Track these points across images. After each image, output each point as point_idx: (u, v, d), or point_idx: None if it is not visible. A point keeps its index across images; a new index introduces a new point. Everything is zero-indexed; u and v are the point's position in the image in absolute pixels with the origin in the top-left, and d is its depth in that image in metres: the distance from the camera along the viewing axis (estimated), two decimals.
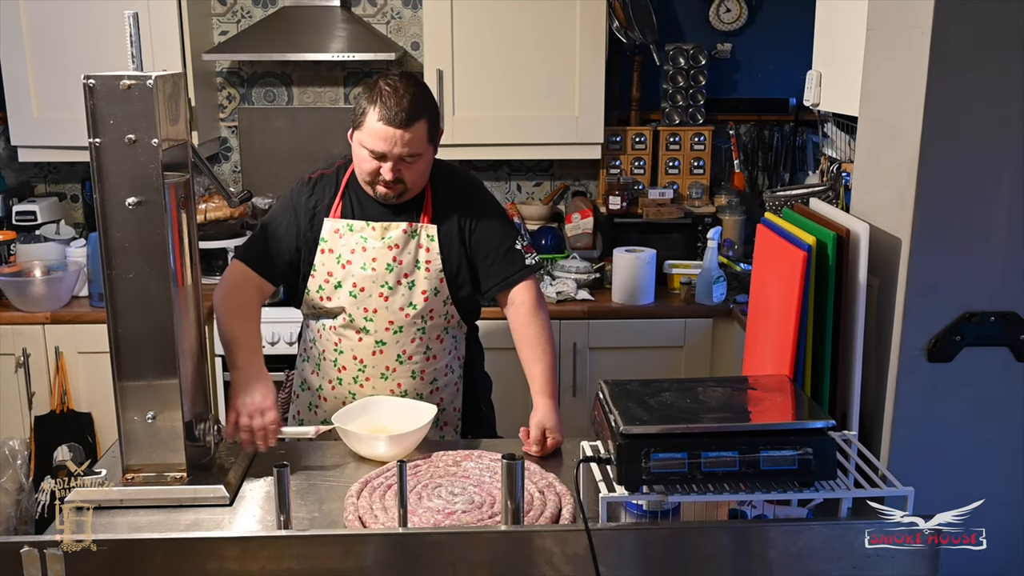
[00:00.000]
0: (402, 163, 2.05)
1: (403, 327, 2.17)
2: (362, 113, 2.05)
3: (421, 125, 2.03)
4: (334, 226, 2.17)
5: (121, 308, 1.76)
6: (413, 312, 2.17)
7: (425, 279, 2.16)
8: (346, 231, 2.16)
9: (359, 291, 2.15)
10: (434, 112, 2.09)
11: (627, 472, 1.39)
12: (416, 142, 2.04)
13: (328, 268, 2.17)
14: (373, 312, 2.16)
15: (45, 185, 3.94)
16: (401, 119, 2.00)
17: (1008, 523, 1.57)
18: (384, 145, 2.02)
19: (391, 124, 2.00)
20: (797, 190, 3.05)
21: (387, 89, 2.02)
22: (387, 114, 2.00)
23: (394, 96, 2.01)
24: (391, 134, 2.01)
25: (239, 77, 3.88)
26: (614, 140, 3.82)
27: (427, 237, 2.16)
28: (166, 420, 1.80)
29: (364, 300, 2.15)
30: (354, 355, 2.20)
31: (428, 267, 2.16)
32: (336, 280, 2.16)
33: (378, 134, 2.02)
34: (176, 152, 1.80)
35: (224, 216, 3.68)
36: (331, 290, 2.17)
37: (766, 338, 1.81)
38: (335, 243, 2.17)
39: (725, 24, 3.87)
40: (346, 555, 1.41)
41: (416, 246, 2.16)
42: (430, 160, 2.13)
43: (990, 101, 1.50)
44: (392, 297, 2.15)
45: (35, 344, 3.29)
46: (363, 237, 2.15)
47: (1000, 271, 1.55)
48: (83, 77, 1.67)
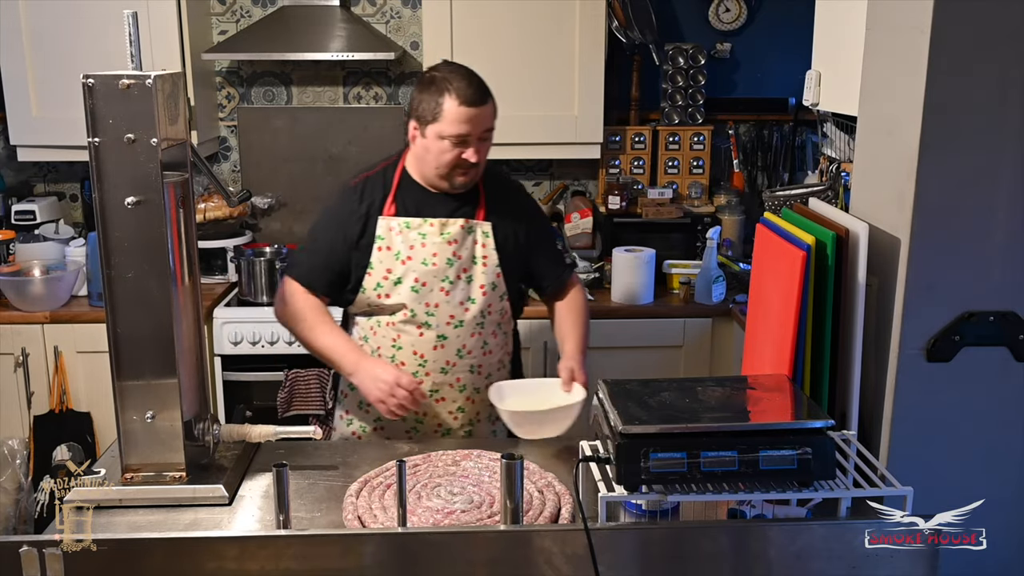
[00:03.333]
0: (482, 142, 2.13)
1: (463, 322, 2.20)
2: (436, 106, 2.08)
3: (492, 101, 2.13)
4: (389, 224, 2.18)
5: (120, 307, 1.76)
6: (472, 307, 2.21)
7: (483, 274, 2.21)
8: (403, 228, 2.18)
9: (420, 286, 2.17)
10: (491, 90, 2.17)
11: (626, 472, 1.39)
12: (491, 118, 2.13)
13: (386, 265, 2.18)
14: (435, 307, 2.18)
15: (44, 184, 3.94)
16: (479, 97, 2.07)
17: (1008, 523, 1.57)
18: (469, 126, 2.07)
19: (472, 104, 2.06)
20: (796, 190, 3.05)
21: (454, 76, 2.08)
22: (466, 95, 2.06)
23: (463, 79, 2.08)
24: (474, 113, 2.07)
25: (238, 76, 3.88)
26: (613, 140, 3.82)
27: (483, 234, 2.21)
28: (165, 420, 1.79)
29: (425, 295, 2.17)
30: (415, 350, 2.21)
31: (485, 262, 2.21)
32: (396, 276, 2.18)
33: (462, 116, 2.06)
34: (175, 151, 1.80)
35: (223, 215, 3.68)
36: (390, 287, 2.18)
37: (765, 338, 1.81)
38: (392, 240, 2.18)
39: (724, 24, 3.87)
40: (345, 555, 1.41)
41: (472, 242, 2.21)
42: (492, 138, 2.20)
43: (989, 101, 1.50)
44: (453, 292, 2.18)
45: (34, 344, 3.29)
46: (421, 233, 2.18)
47: (999, 271, 1.55)
48: (82, 76, 1.67)
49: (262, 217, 3.92)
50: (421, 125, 2.12)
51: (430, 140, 2.12)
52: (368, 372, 2.10)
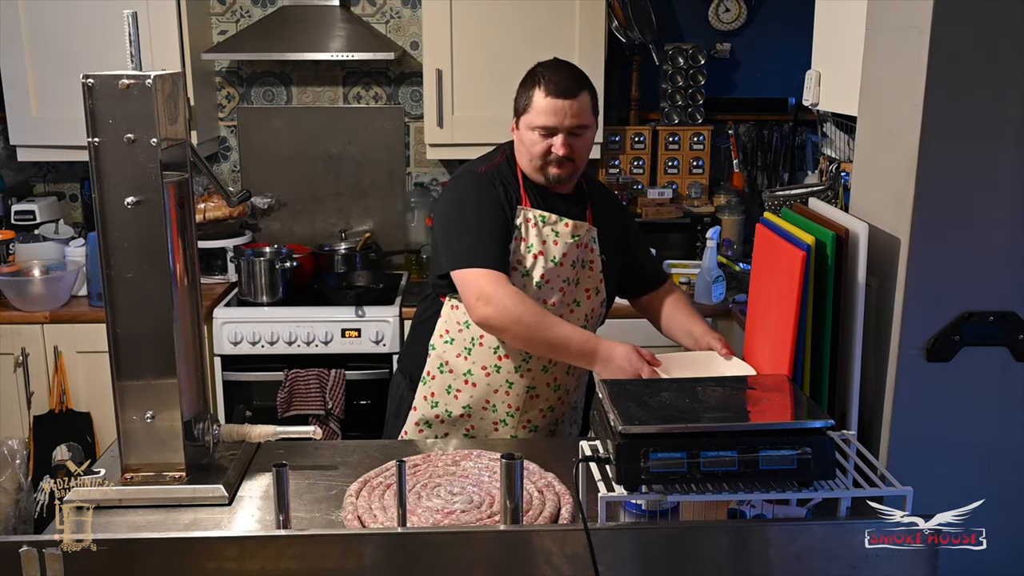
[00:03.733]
0: (572, 137, 2.11)
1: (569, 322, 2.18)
2: (527, 98, 2.13)
3: (585, 96, 2.11)
4: (527, 215, 2.17)
5: (120, 307, 1.76)
6: (577, 309, 2.24)
7: (589, 278, 2.25)
8: (539, 221, 2.17)
9: (544, 282, 2.17)
10: (593, 88, 2.16)
11: (626, 472, 1.39)
12: (583, 113, 2.11)
13: (518, 256, 2.16)
14: (551, 305, 2.18)
15: (44, 184, 3.94)
16: (567, 90, 2.08)
17: (1008, 523, 1.57)
18: (554, 119, 2.08)
19: (560, 96, 2.08)
20: (796, 190, 3.05)
21: (548, 70, 2.12)
22: (554, 88, 2.08)
23: (557, 72, 2.11)
24: (560, 106, 2.08)
25: (238, 76, 3.88)
26: (613, 140, 3.82)
27: (592, 239, 2.24)
28: (165, 420, 1.79)
29: (546, 292, 2.17)
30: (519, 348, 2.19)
31: (592, 267, 2.25)
32: (525, 269, 2.16)
33: (548, 108, 2.08)
34: (175, 151, 1.80)
35: (223, 215, 3.68)
36: (517, 278, 2.15)
37: (765, 338, 1.81)
38: (527, 232, 2.17)
39: (724, 24, 3.87)
40: (345, 555, 1.41)
41: (584, 246, 2.23)
42: (593, 137, 2.18)
43: (989, 101, 1.50)
44: (567, 292, 2.20)
45: (34, 344, 3.29)
46: (555, 231, 2.18)
47: (999, 271, 1.55)
48: (82, 76, 1.67)
49: (262, 217, 3.92)
50: (517, 117, 2.17)
51: (523, 131, 2.16)
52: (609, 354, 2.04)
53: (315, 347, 3.35)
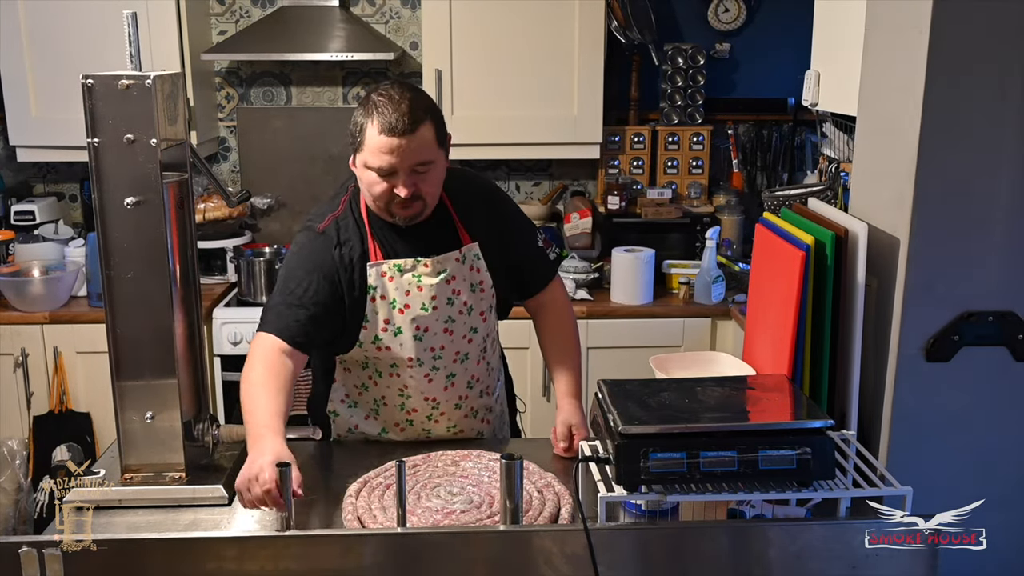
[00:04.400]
0: (415, 175, 1.85)
1: (468, 353, 2.05)
2: (360, 131, 1.84)
3: (426, 128, 1.83)
4: (381, 269, 1.94)
5: (120, 308, 1.76)
6: (476, 336, 2.05)
7: (482, 299, 2.03)
8: (395, 273, 1.95)
9: (423, 332, 1.97)
10: (438, 114, 1.90)
11: (626, 472, 1.39)
12: (425, 148, 1.84)
13: (383, 316, 1.95)
14: (440, 349, 2.00)
15: (43, 185, 3.94)
16: (404, 126, 1.80)
17: (1008, 523, 1.57)
18: (391, 159, 1.82)
19: (393, 134, 1.80)
20: (795, 190, 3.05)
21: (381, 99, 1.83)
22: (387, 123, 1.80)
23: (390, 104, 1.81)
24: (396, 144, 1.80)
25: (238, 77, 3.88)
26: (613, 140, 3.82)
27: (474, 257, 2.01)
28: (165, 420, 1.79)
29: (429, 340, 1.98)
30: (425, 396, 2.04)
31: (483, 287, 2.03)
32: (395, 327, 1.96)
33: (383, 147, 1.81)
34: (174, 152, 1.80)
35: (223, 216, 3.68)
36: (390, 338, 1.97)
37: (765, 338, 1.81)
38: (386, 288, 1.95)
39: (724, 24, 3.87)
40: (345, 555, 1.41)
41: (468, 270, 2.01)
42: (443, 168, 1.92)
43: (989, 101, 1.50)
44: (455, 329, 2.01)
45: (34, 344, 3.29)
46: (416, 276, 1.95)
47: (999, 271, 1.55)
48: (82, 77, 1.67)
49: (261, 217, 3.92)
50: (353, 152, 1.89)
51: (360, 170, 1.88)
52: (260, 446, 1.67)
53: None
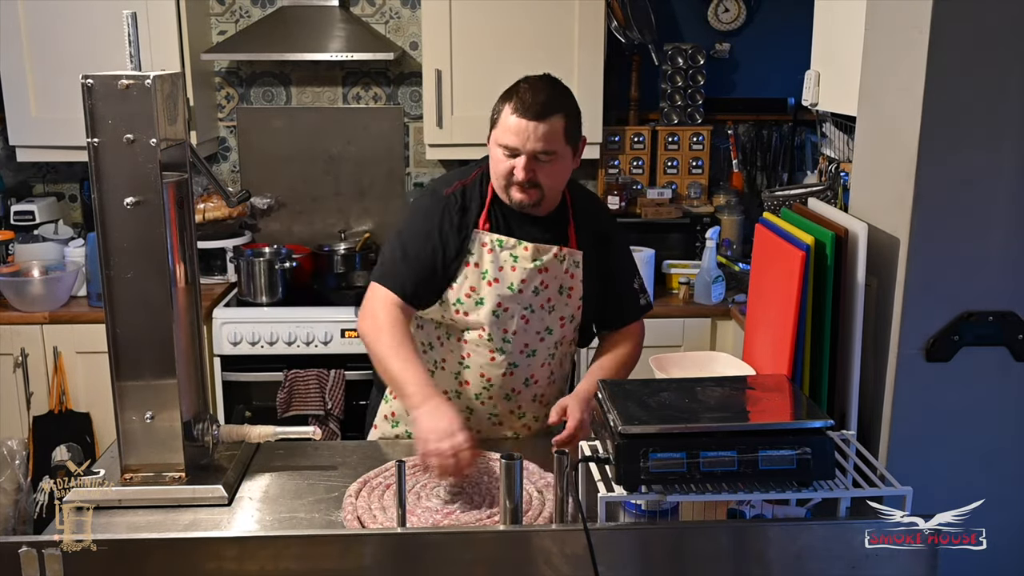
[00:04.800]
0: (536, 162, 1.95)
1: (536, 351, 2.09)
2: (498, 112, 1.99)
3: (556, 120, 1.95)
4: (483, 239, 2.04)
5: (119, 308, 1.76)
6: (549, 337, 2.09)
7: (566, 306, 2.09)
8: (496, 247, 2.03)
9: (502, 311, 2.04)
10: (573, 112, 2.01)
11: (626, 472, 1.39)
12: (550, 137, 1.94)
13: (471, 283, 2.04)
14: (512, 334, 2.06)
15: (43, 185, 3.94)
16: (535, 111, 1.93)
17: (1008, 523, 1.57)
18: (517, 139, 1.94)
19: (524, 116, 1.93)
20: (795, 190, 3.05)
21: (524, 85, 1.98)
22: (521, 107, 1.94)
23: (531, 91, 1.96)
24: (524, 126, 1.93)
25: (238, 77, 3.88)
26: (612, 140, 3.82)
27: (573, 263, 2.08)
28: (164, 420, 1.79)
29: (505, 321, 2.04)
30: (482, 373, 2.09)
31: (571, 294, 2.09)
32: (479, 296, 2.04)
33: (512, 128, 1.94)
34: (174, 152, 1.80)
35: (223, 216, 3.68)
36: (471, 305, 2.04)
37: (765, 338, 1.81)
38: (482, 257, 2.03)
39: (724, 24, 3.87)
40: (345, 555, 1.41)
41: (563, 272, 2.07)
42: (568, 165, 2.02)
43: (989, 101, 1.50)
44: (532, 320, 2.06)
45: (33, 344, 3.29)
46: (513, 256, 2.03)
47: (998, 271, 1.55)
48: (81, 77, 1.67)
49: (261, 217, 3.92)
50: (490, 130, 2.03)
51: (492, 146, 2.02)
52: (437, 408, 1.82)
53: (315, 347, 3.35)
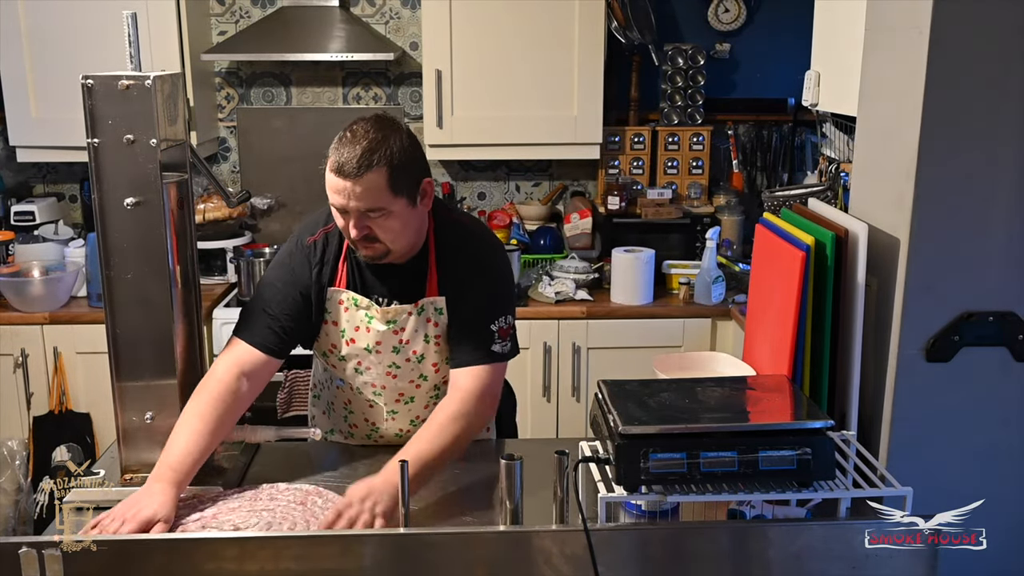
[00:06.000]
0: (367, 219, 1.81)
1: (415, 397, 2.03)
2: (324, 164, 1.84)
3: (376, 175, 1.77)
4: (339, 297, 1.94)
5: (119, 308, 1.76)
6: (425, 383, 2.01)
7: (435, 352, 1.96)
8: (351, 305, 1.94)
9: (364, 369, 1.98)
10: (400, 161, 1.79)
11: (626, 472, 1.39)
12: (372, 195, 1.78)
13: (332, 340, 1.98)
14: (381, 388, 2.01)
15: (43, 185, 3.94)
16: (350, 168, 1.76)
17: (1008, 523, 1.57)
18: (340, 198, 1.80)
19: (339, 175, 1.78)
20: (796, 190, 3.05)
21: (346, 136, 1.80)
22: (337, 164, 1.79)
23: (348, 144, 1.78)
24: (342, 186, 1.78)
25: (238, 77, 3.88)
26: (613, 140, 3.82)
27: (435, 311, 1.94)
28: (164, 420, 1.79)
29: (370, 377, 1.99)
30: (365, 418, 2.08)
31: (438, 340, 1.95)
32: (340, 354, 1.98)
33: (332, 186, 1.81)
34: (174, 152, 1.80)
35: (223, 216, 3.68)
36: (336, 360, 2.00)
37: (765, 338, 1.81)
38: (338, 315, 1.95)
39: (724, 24, 3.87)
40: (345, 555, 1.41)
41: (424, 322, 1.94)
42: (407, 217, 1.84)
43: (988, 101, 1.50)
44: (400, 375, 1.98)
45: (33, 344, 3.29)
46: (368, 316, 1.93)
47: (998, 271, 1.55)
48: (81, 77, 1.67)
49: (261, 218, 3.92)
50: None
51: None
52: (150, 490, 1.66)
53: None
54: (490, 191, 3.99)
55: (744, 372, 1.84)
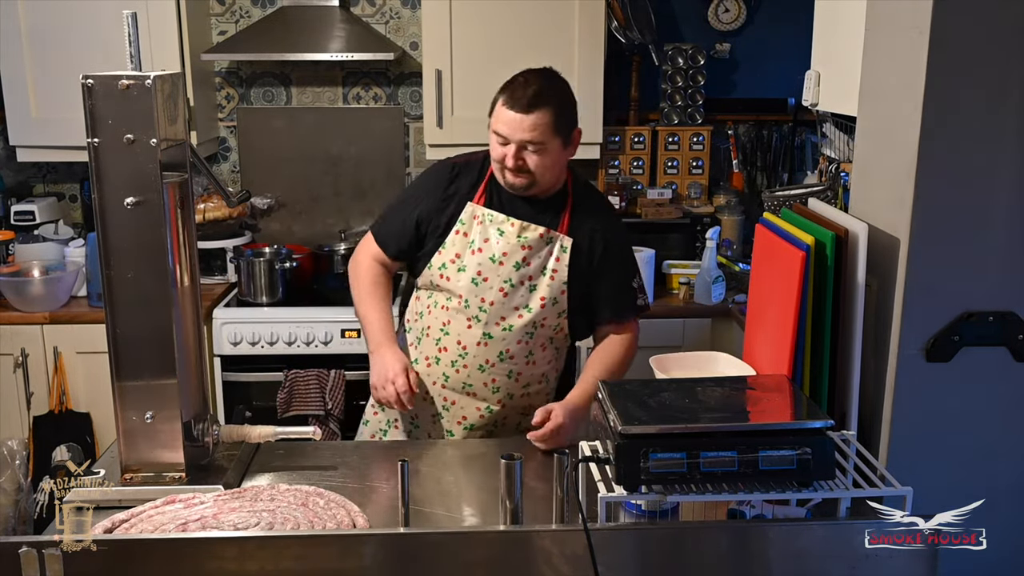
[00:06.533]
0: (525, 151, 2.10)
1: (513, 326, 2.18)
2: (496, 101, 2.14)
3: (544, 113, 2.08)
4: (474, 211, 2.20)
5: (120, 308, 1.76)
6: (527, 315, 2.18)
7: (548, 287, 2.18)
8: (485, 219, 2.19)
9: (482, 280, 2.17)
10: (564, 105, 2.14)
11: (626, 472, 1.39)
12: (539, 129, 2.08)
13: (457, 249, 2.20)
14: (489, 304, 2.17)
15: (43, 185, 3.94)
16: (523, 105, 2.07)
17: (1008, 523, 1.57)
18: (507, 129, 2.09)
19: (514, 108, 2.08)
20: (796, 190, 3.05)
21: (520, 78, 2.13)
22: (511, 99, 2.09)
23: (523, 85, 2.11)
24: (513, 118, 2.08)
25: (238, 77, 3.88)
26: (613, 140, 3.82)
27: (560, 248, 2.19)
28: (165, 420, 1.79)
29: (483, 290, 2.17)
30: (459, 340, 2.20)
31: (554, 276, 2.18)
32: (462, 263, 2.19)
33: (503, 118, 2.10)
34: (174, 152, 1.80)
35: (223, 216, 3.68)
36: (453, 271, 2.20)
37: (765, 338, 1.81)
38: (471, 227, 2.20)
39: (724, 24, 3.87)
40: (345, 555, 1.40)
41: (548, 253, 2.19)
42: (558, 154, 2.15)
43: (989, 101, 1.50)
44: (511, 294, 2.18)
45: (34, 344, 3.29)
46: (500, 230, 2.18)
47: (998, 271, 1.55)
48: (81, 77, 1.67)
49: (261, 217, 3.92)
50: (489, 116, 2.18)
51: (490, 132, 2.17)
52: (382, 355, 2.17)
53: (315, 347, 3.35)
54: None
55: (744, 372, 1.84)
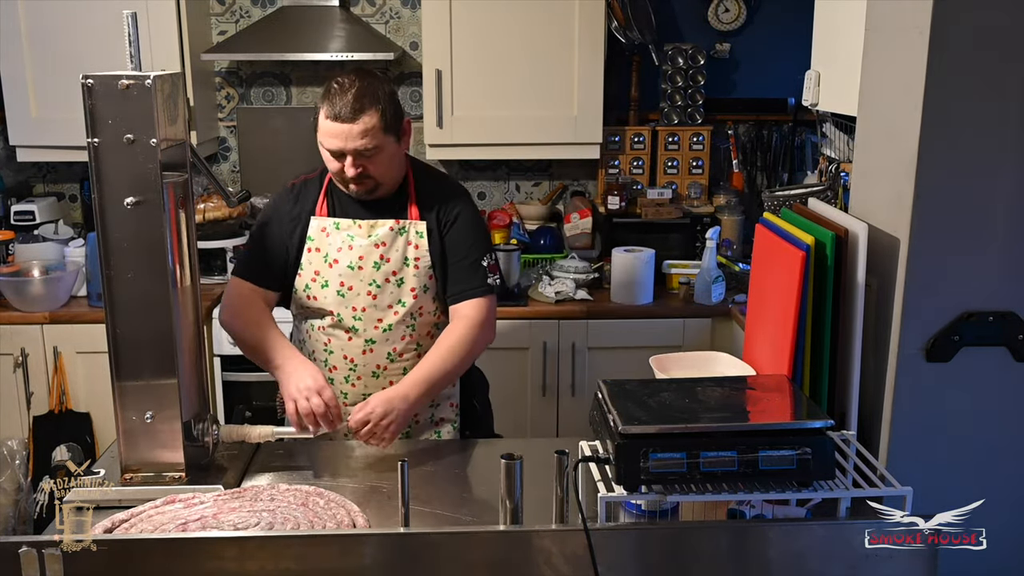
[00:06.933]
0: (362, 157, 2.05)
1: (392, 325, 2.16)
2: (316, 115, 2.07)
3: (370, 116, 2.03)
4: (320, 224, 2.17)
5: (120, 308, 1.76)
6: (402, 310, 2.16)
7: (414, 276, 2.16)
8: (332, 229, 2.16)
9: (347, 290, 2.15)
10: (387, 102, 2.07)
11: (626, 472, 1.39)
12: (369, 134, 2.03)
13: (315, 267, 2.17)
14: (361, 311, 2.16)
15: (43, 185, 3.94)
16: (347, 114, 2.01)
17: (1008, 523, 1.57)
18: (338, 142, 2.04)
19: (338, 120, 2.02)
20: (796, 190, 3.05)
21: (335, 87, 2.04)
22: (333, 110, 2.02)
23: (340, 93, 2.03)
24: (341, 130, 2.02)
25: (238, 77, 3.88)
26: (613, 140, 3.82)
27: (416, 234, 2.16)
28: (164, 420, 1.79)
29: (352, 299, 2.15)
30: (344, 354, 2.19)
31: (417, 264, 2.16)
32: (323, 279, 2.16)
33: (330, 131, 2.04)
34: (174, 152, 1.80)
35: (223, 216, 3.68)
36: (318, 289, 2.17)
37: (765, 338, 1.81)
38: (322, 241, 2.17)
39: (724, 24, 3.87)
40: (345, 555, 1.40)
41: (405, 243, 2.16)
42: (395, 152, 2.12)
43: (989, 101, 1.50)
44: (380, 295, 2.15)
45: (33, 344, 3.29)
46: (349, 235, 2.15)
47: (998, 271, 1.55)
48: (81, 77, 1.67)
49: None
50: (315, 132, 2.10)
51: (320, 147, 2.11)
52: (295, 367, 2.03)
53: None
54: (490, 191, 4.00)
55: (744, 372, 1.84)
